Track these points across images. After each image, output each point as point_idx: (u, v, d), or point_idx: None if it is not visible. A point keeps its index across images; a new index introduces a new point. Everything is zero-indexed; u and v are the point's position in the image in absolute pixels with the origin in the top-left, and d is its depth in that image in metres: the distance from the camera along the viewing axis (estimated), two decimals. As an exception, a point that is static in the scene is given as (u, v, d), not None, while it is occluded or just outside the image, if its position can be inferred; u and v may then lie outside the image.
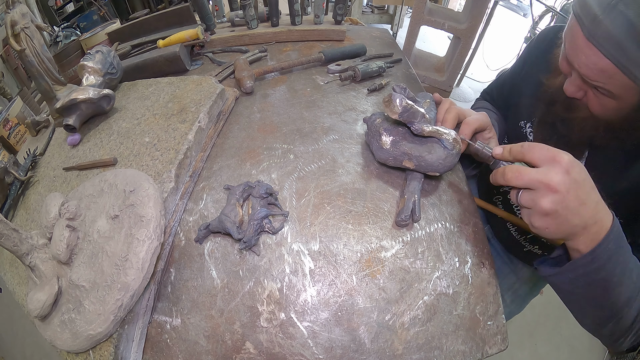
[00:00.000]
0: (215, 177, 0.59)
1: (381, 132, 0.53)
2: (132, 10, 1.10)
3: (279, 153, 0.62)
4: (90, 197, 0.48)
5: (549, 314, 1.48)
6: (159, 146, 0.58)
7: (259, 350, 0.43)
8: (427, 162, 0.51)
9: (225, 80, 0.81)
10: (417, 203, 0.52)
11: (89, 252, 0.44)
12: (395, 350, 0.43)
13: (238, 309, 0.45)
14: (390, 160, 0.54)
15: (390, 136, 0.53)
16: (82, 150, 0.64)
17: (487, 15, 2.01)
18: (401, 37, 2.42)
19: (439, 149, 0.50)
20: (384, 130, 0.53)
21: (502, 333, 0.45)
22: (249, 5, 0.88)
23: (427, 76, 2.16)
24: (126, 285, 0.40)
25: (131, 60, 0.84)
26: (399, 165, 0.54)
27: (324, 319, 0.45)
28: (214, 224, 0.50)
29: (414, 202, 0.51)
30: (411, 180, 0.55)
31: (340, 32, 0.93)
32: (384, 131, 0.53)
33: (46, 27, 0.76)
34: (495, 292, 0.48)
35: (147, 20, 0.94)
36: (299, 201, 0.54)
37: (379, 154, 0.54)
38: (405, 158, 0.52)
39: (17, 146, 0.85)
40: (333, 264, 0.48)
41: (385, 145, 0.53)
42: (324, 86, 0.77)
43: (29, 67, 0.68)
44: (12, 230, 0.43)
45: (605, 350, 1.41)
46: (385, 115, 0.57)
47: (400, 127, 0.54)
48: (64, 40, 1.87)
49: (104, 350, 0.41)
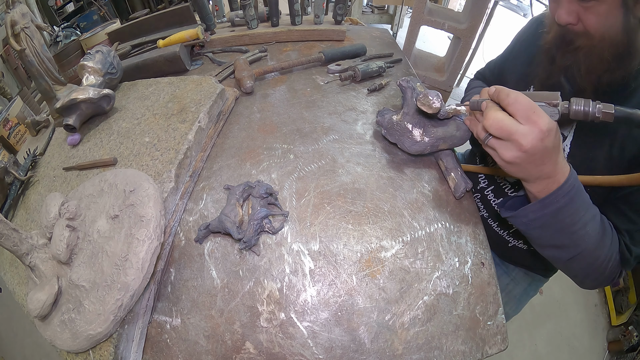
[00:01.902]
0: (215, 177, 0.59)
1: (410, 128, 0.56)
2: (132, 10, 1.10)
3: (279, 153, 0.62)
4: (90, 197, 0.48)
5: (549, 314, 1.49)
6: (159, 146, 0.58)
7: (259, 350, 0.43)
8: (457, 137, 0.55)
9: (225, 80, 0.81)
10: (463, 174, 0.56)
11: (89, 252, 0.44)
12: (395, 350, 0.43)
13: (238, 309, 0.45)
14: (427, 149, 0.56)
15: (420, 128, 0.55)
16: (82, 150, 0.64)
17: (487, 15, 2.00)
18: (401, 37, 2.42)
19: (461, 123, 0.55)
20: (411, 124, 0.56)
21: (502, 333, 0.45)
22: (249, 5, 0.88)
23: (427, 76, 2.16)
24: (126, 285, 0.40)
25: (131, 60, 0.84)
26: (434, 150, 0.57)
27: (324, 319, 0.45)
28: (214, 224, 0.50)
29: (461, 174, 0.56)
30: (445, 157, 0.58)
31: (340, 32, 0.93)
32: (412, 126, 0.56)
33: (46, 27, 0.76)
34: (495, 292, 0.48)
35: (147, 20, 0.94)
36: (299, 201, 0.54)
37: (415, 147, 0.56)
38: (440, 142, 0.56)
39: (17, 146, 0.85)
40: (333, 264, 0.48)
41: (419, 138, 0.55)
42: (324, 86, 0.77)
43: (29, 67, 0.68)
44: (12, 230, 0.43)
45: (606, 350, 1.42)
46: (391, 109, 0.59)
47: (420, 116, 0.56)
48: (64, 40, 1.87)
49: (104, 350, 0.41)
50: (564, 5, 0.51)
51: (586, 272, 0.56)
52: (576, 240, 0.50)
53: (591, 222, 0.50)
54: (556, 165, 0.44)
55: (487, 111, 0.43)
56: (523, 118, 0.40)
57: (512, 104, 0.41)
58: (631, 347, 1.31)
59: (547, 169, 0.44)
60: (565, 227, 0.48)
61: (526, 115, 0.40)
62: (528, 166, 0.43)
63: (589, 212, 0.49)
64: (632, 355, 1.29)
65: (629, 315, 1.39)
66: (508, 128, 0.41)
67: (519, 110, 0.41)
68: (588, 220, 0.49)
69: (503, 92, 0.42)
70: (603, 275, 0.55)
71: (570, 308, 1.52)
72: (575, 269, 0.56)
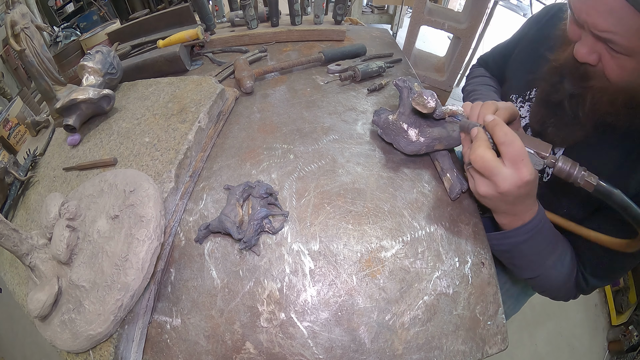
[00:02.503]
0: (215, 177, 0.59)
1: (406, 128, 0.55)
2: (132, 10, 1.10)
3: (279, 153, 0.62)
4: (90, 197, 0.48)
5: (549, 314, 1.49)
6: (159, 146, 0.58)
7: (259, 350, 0.43)
8: (453, 138, 0.56)
9: (225, 80, 0.81)
10: (459, 175, 0.55)
11: (89, 252, 0.44)
12: (395, 350, 0.43)
13: (238, 309, 0.45)
14: (422, 150, 0.56)
15: (415, 128, 0.55)
16: (82, 150, 0.64)
17: (487, 15, 2.01)
18: (401, 37, 2.42)
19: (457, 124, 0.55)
20: (407, 124, 0.55)
21: (502, 333, 0.45)
22: (249, 5, 0.88)
23: (427, 76, 2.16)
24: (126, 285, 0.40)
25: (131, 60, 0.84)
26: (430, 150, 0.57)
27: (324, 319, 0.45)
28: (214, 224, 0.50)
29: (457, 174, 0.55)
30: (442, 158, 0.58)
31: (340, 32, 0.93)
32: (408, 126, 0.55)
33: (46, 27, 0.76)
34: (495, 292, 0.48)
35: (147, 20, 0.94)
36: (299, 201, 0.54)
37: (410, 147, 0.56)
38: (436, 143, 0.55)
39: (17, 146, 0.85)
40: (333, 264, 0.48)
41: (414, 138, 0.55)
42: (324, 86, 0.77)
43: (29, 67, 0.68)
44: (12, 231, 0.43)
45: (606, 350, 1.42)
46: (388, 109, 0.59)
47: (416, 116, 0.55)
48: (64, 40, 1.87)
49: (104, 351, 0.41)
50: (588, 42, 0.46)
51: (542, 289, 0.60)
52: (533, 267, 0.54)
53: (551, 255, 0.52)
54: (525, 207, 0.47)
55: (475, 145, 0.43)
56: (510, 161, 0.41)
57: (506, 145, 0.41)
58: (631, 347, 1.31)
59: (516, 209, 0.47)
60: (523, 256, 0.53)
61: (514, 161, 0.41)
62: (499, 203, 0.46)
63: (549, 246, 0.52)
64: (632, 355, 1.29)
65: (629, 315, 1.39)
66: (491, 169, 0.41)
67: (510, 153, 0.41)
68: (547, 253, 0.52)
69: (500, 129, 0.42)
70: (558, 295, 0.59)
71: (570, 308, 1.52)
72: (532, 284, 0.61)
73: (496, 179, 0.42)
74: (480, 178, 0.44)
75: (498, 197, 0.43)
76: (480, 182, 0.45)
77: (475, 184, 0.45)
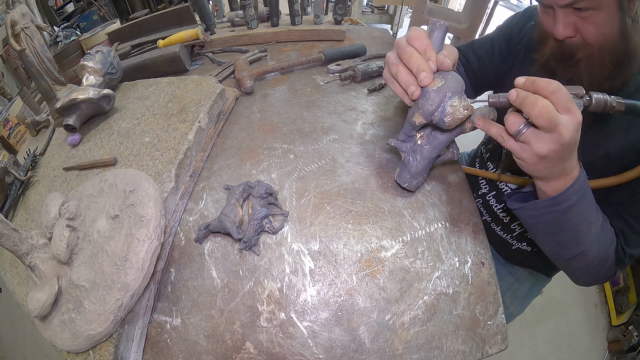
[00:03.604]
0: (215, 177, 0.59)
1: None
2: (132, 10, 1.10)
3: (279, 153, 0.62)
4: (90, 197, 0.48)
5: (549, 314, 1.48)
6: (159, 146, 0.58)
7: (259, 350, 0.43)
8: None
9: (225, 80, 0.81)
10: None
11: (89, 252, 0.44)
12: (395, 350, 0.43)
13: (238, 308, 0.45)
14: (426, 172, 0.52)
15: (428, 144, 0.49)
16: (82, 150, 0.64)
17: (487, 15, 2.00)
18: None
19: None
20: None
21: (502, 333, 0.45)
22: (249, 5, 0.88)
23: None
24: (126, 285, 0.40)
25: (131, 60, 0.84)
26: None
27: (324, 319, 0.45)
28: (214, 224, 0.50)
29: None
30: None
31: (340, 32, 0.93)
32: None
33: (46, 27, 0.76)
34: (495, 292, 0.48)
35: (147, 20, 0.94)
36: (299, 201, 0.54)
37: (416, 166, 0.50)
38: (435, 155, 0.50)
39: (17, 146, 0.85)
40: (333, 264, 0.48)
41: None
42: (324, 86, 0.77)
43: (29, 67, 0.68)
44: (12, 230, 0.43)
45: (606, 350, 1.42)
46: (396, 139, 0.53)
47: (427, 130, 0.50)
48: (64, 40, 1.88)
49: (104, 350, 0.41)
50: (560, 19, 0.50)
51: (584, 271, 0.56)
52: (580, 239, 0.50)
53: (595, 222, 0.50)
54: (574, 159, 0.44)
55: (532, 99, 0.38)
56: (564, 108, 0.38)
57: (555, 93, 0.38)
58: (631, 347, 1.31)
59: (569, 165, 0.43)
60: (572, 226, 0.48)
61: (567, 106, 0.38)
62: (557, 161, 0.42)
63: (593, 211, 0.50)
64: (632, 355, 1.30)
65: (629, 315, 1.39)
66: (555, 118, 0.38)
67: (561, 99, 0.38)
68: (593, 220, 0.50)
69: (542, 80, 0.39)
70: (600, 273, 0.56)
71: (570, 308, 1.52)
72: (574, 267, 0.57)
73: (560, 128, 0.38)
74: (540, 136, 0.40)
75: (560, 150, 0.40)
76: (539, 141, 0.40)
77: (536, 148, 0.40)
